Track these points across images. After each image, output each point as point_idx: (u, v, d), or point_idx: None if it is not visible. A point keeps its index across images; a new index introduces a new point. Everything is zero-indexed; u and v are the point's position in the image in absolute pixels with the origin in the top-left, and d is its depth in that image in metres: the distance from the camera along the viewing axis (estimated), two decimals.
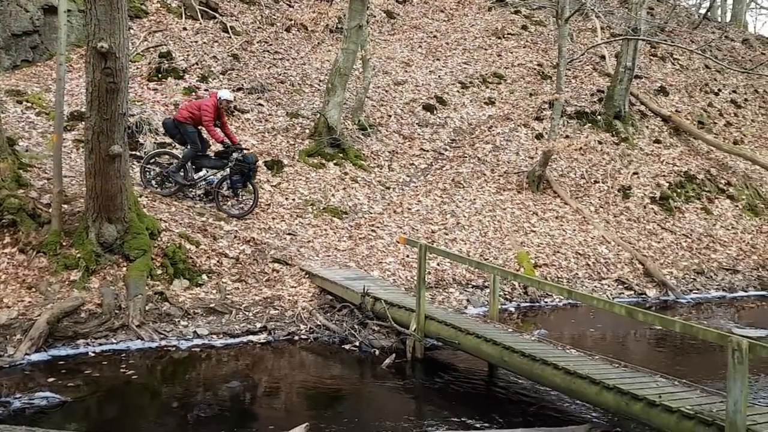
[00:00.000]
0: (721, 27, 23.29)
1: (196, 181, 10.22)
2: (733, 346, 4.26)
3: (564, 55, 13.11)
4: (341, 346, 7.66)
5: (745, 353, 4.22)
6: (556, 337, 8.11)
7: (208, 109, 9.74)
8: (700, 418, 4.55)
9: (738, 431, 4.24)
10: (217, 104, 9.90)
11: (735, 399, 4.27)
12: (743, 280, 12.35)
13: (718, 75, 19.27)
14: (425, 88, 15.12)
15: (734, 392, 4.27)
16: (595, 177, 14.04)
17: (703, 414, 4.56)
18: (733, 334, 4.39)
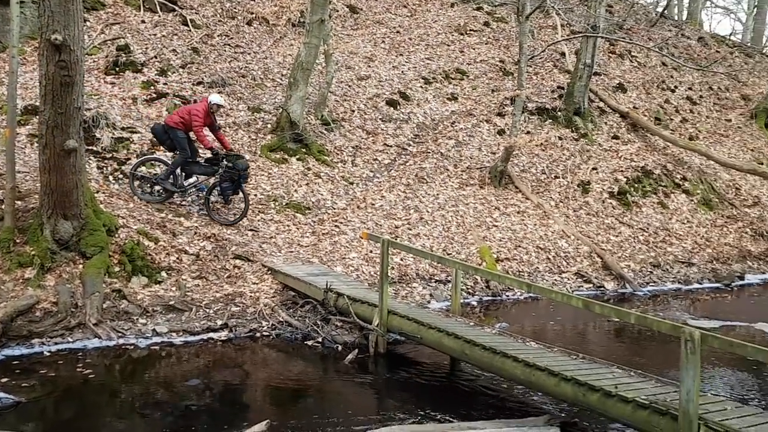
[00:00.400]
0: (677, 25, 23.84)
1: (186, 188, 9.98)
2: (685, 336, 4.37)
3: (525, 51, 13.27)
4: (304, 343, 7.63)
5: (697, 344, 4.34)
6: (517, 330, 8.23)
7: (198, 113, 9.50)
8: (655, 408, 4.66)
9: (690, 420, 4.35)
10: (207, 109, 9.66)
11: (688, 388, 4.38)
12: (698, 273, 12.68)
13: (674, 72, 19.73)
14: (388, 83, 15.13)
15: (687, 382, 4.38)
16: (555, 172, 14.25)
17: (657, 403, 4.68)
18: (687, 326, 4.49)
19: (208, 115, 9.67)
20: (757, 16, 28.48)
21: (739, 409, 4.78)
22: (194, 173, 9.96)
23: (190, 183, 10.00)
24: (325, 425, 5.34)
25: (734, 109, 19.29)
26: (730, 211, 15.02)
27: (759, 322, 9.53)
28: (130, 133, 10.77)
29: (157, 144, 10.25)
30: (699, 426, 4.33)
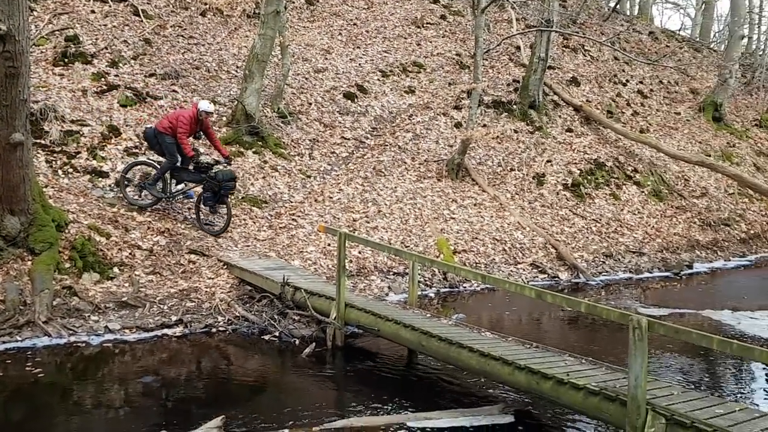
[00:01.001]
0: (629, 20, 24.34)
1: (174, 195, 9.72)
2: (633, 324, 4.49)
3: (481, 45, 13.38)
4: (261, 337, 7.58)
5: (644, 331, 4.46)
6: (474, 320, 8.33)
7: (184, 120, 9.26)
8: (605, 394, 4.78)
9: (639, 405, 4.48)
10: (196, 115, 9.38)
11: (636, 374, 4.51)
12: (648, 262, 13.03)
13: (626, 66, 20.16)
14: (346, 76, 15.08)
15: (635, 368, 4.51)
16: (511, 165, 14.44)
17: (607, 390, 4.80)
18: (635, 313, 4.62)
19: (195, 122, 9.41)
20: (705, 12, 29.28)
21: (686, 394, 4.94)
22: (183, 180, 9.66)
23: (179, 190, 9.72)
24: (283, 419, 5.32)
25: (683, 103, 19.84)
26: (679, 202, 15.47)
27: (706, 309, 9.85)
28: (80, 126, 10.48)
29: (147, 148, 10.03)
30: (647, 411, 4.46)
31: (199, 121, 9.49)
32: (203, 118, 9.51)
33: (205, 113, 9.49)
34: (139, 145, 10.61)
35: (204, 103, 9.59)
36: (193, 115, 9.38)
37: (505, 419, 5.45)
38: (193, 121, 9.37)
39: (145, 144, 10.15)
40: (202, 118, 9.47)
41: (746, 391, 6.63)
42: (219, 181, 9.20)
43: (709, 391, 6.08)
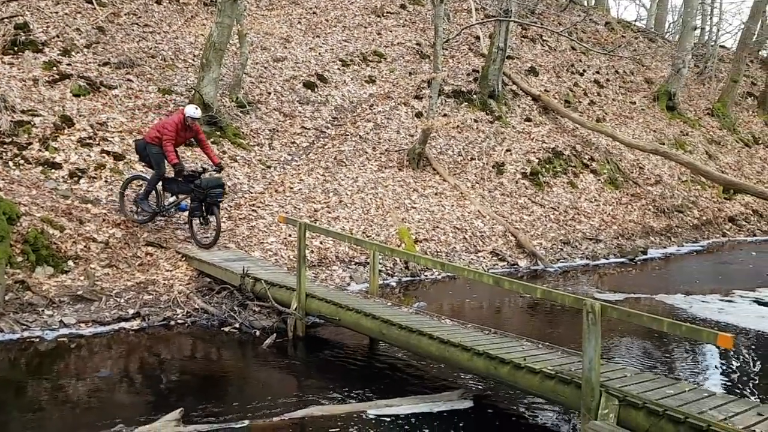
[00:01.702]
0: (585, 10, 24.68)
1: (168, 208, 9.27)
2: (587, 308, 4.59)
3: (440, 34, 13.42)
4: (221, 329, 7.52)
5: (598, 315, 4.57)
6: (435, 308, 8.41)
7: (169, 127, 8.80)
8: (560, 377, 4.89)
9: (593, 387, 4.59)
10: (182, 121, 8.89)
11: (590, 357, 4.61)
12: (605, 249, 13.32)
13: (583, 56, 20.47)
14: (305, 65, 14.97)
15: (589, 351, 4.61)
16: (471, 154, 14.55)
17: (562, 373, 4.91)
18: (588, 298, 4.72)
19: (183, 128, 8.94)
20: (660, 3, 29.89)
21: (638, 376, 5.08)
22: (174, 192, 9.21)
23: (171, 202, 9.27)
24: (243, 410, 5.30)
25: (638, 92, 20.26)
26: (634, 190, 15.82)
27: (660, 293, 10.13)
28: (31, 116, 10.18)
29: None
30: (600, 393, 4.57)
31: (187, 127, 8.99)
32: (191, 124, 8.99)
33: (192, 119, 8.94)
34: (93, 135, 10.38)
35: (190, 108, 9.05)
36: (180, 121, 8.90)
37: (464, 404, 5.53)
38: (180, 127, 8.89)
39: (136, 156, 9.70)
40: (189, 124, 8.96)
41: (699, 372, 6.85)
42: (203, 189, 8.73)
43: (662, 373, 6.26)
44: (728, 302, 9.65)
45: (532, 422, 5.40)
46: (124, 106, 11.39)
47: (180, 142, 9.11)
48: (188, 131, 9.06)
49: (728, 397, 4.78)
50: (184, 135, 9.05)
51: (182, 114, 8.97)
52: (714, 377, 6.65)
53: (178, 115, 9.02)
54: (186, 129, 8.99)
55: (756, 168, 20.04)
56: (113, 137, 10.57)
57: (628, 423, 4.41)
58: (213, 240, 8.91)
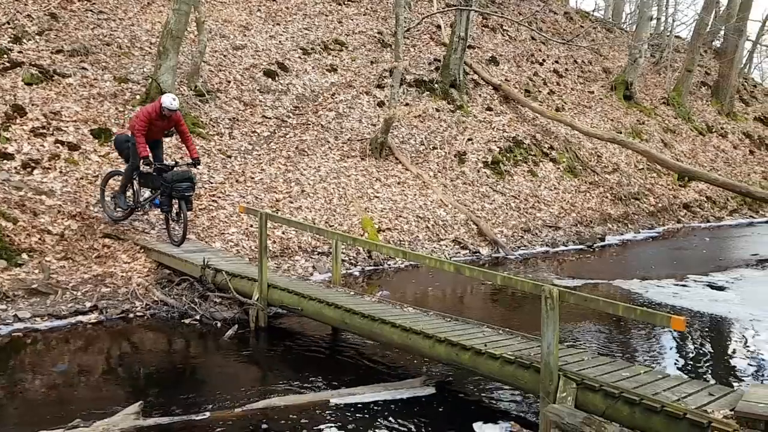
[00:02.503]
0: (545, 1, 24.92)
1: (143, 204, 8.83)
2: (545, 294, 4.66)
3: (401, 23, 13.40)
4: (181, 321, 7.43)
5: (556, 300, 4.65)
6: (399, 297, 8.44)
7: (142, 116, 8.32)
8: (520, 362, 4.96)
9: (551, 371, 4.67)
10: (157, 111, 8.37)
11: (548, 342, 4.69)
12: (564, 236, 13.56)
13: (542, 46, 20.69)
14: (266, 53, 14.79)
15: (547, 336, 4.69)
16: (433, 143, 14.61)
17: (522, 358, 4.98)
18: (546, 284, 4.79)
19: (158, 118, 8.42)
20: None
21: (595, 359, 5.19)
22: (148, 186, 8.78)
23: (146, 198, 8.81)
24: (204, 402, 5.25)
25: (596, 82, 20.60)
26: (593, 178, 16.11)
27: (617, 279, 10.35)
28: None
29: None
30: (559, 376, 4.66)
31: (164, 117, 8.45)
32: (168, 115, 8.44)
33: (169, 110, 8.38)
34: (47, 125, 10.09)
35: (167, 98, 8.45)
36: (153, 111, 8.38)
37: (427, 391, 5.58)
38: (154, 117, 8.37)
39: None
40: (166, 114, 8.41)
41: (655, 355, 7.03)
42: (169, 182, 8.32)
43: (619, 357, 6.41)
44: (683, 287, 9.92)
45: (493, 407, 5.47)
46: (78, 95, 11.09)
47: (155, 132, 8.59)
48: (165, 121, 8.55)
49: (681, 378, 4.93)
50: (159, 125, 8.54)
51: (159, 103, 8.49)
52: (669, 360, 6.83)
53: (154, 104, 8.55)
54: (162, 119, 8.48)
55: (709, 156, 20.61)
56: (68, 127, 10.29)
57: (585, 405, 4.50)
58: (181, 237, 8.49)
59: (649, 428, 4.18)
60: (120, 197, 8.84)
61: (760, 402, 3.96)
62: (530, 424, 4.95)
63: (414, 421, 5.03)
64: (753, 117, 24.92)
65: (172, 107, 8.40)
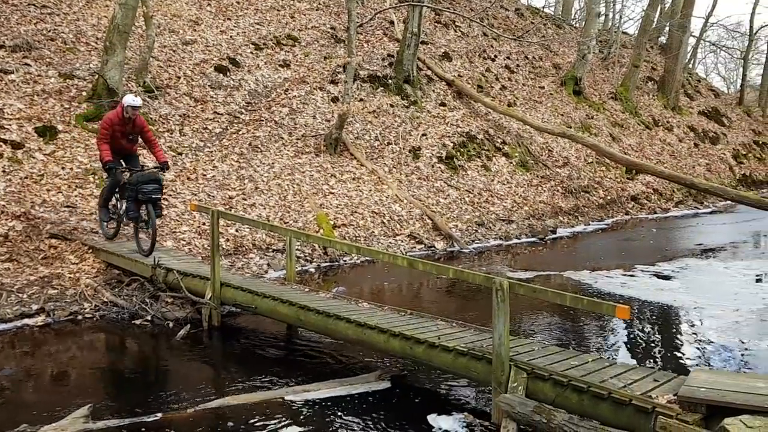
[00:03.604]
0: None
1: (121, 216, 8.26)
2: (496, 286, 4.74)
3: (354, 18, 13.38)
4: (131, 322, 7.28)
5: (506, 292, 4.73)
6: (355, 292, 8.45)
7: (105, 121, 7.83)
8: (473, 354, 5.03)
9: (503, 361, 4.76)
10: (119, 115, 7.83)
11: (500, 333, 4.77)
12: (517, 229, 13.77)
13: (494, 42, 20.95)
14: (216, 48, 14.58)
15: (499, 327, 4.77)
16: (388, 139, 14.66)
17: (474, 350, 5.05)
18: (498, 276, 4.86)
19: (121, 121, 7.87)
20: None
21: (545, 349, 5.30)
22: (124, 197, 8.14)
23: (124, 210, 8.16)
24: (156, 403, 5.17)
25: (547, 77, 20.96)
26: (544, 172, 16.41)
27: (568, 270, 10.58)
28: None
29: None
30: (510, 367, 4.74)
31: (127, 119, 7.89)
32: (132, 116, 7.89)
33: (132, 108, 7.84)
34: None
35: (129, 97, 7.94)
36: (116, 115, 7.86)
37: (382, 385, 5.61)
38: (117, 121, 7.83)
39: None
40: (129, 115, 7.86)
41: (604, 344, 7.22)
42: (134, 184, 7.75)
43: (571, 346, 6.55)
44: (630, 277, 10.20)
45: (447, 399, 5.54)
46: (21, 91, 10.75)
47: (120, 139, 8.02)
48: (129, 125, 7.98)
49: (627, 365, 5.07)
50: (123, 129, 7.96)
51: (120, 107, 7.95)
52: (618, 348, 7.03)
53: (116, 110, 8.00)
54: (125, 122, 7.91)
55: (656, 149, 21.22)
56: (11, 125, 9.97)
57: (536, 394, 4.60)
58: (150, 246, 7.86)
59: (596, 415, 4.29)
60: (102, 211, 8.50)
61: (701, 387, 4.10)
62: (483, 414, 5.03)
63: (369, 415, 5.05)
64: (697, 111, 25.78)
65: (136, 104, 7.90)
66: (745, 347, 6.88)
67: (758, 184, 23.84)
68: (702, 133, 24.20)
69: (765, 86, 32.93)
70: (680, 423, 3.88)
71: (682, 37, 24.13)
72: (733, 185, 21.23)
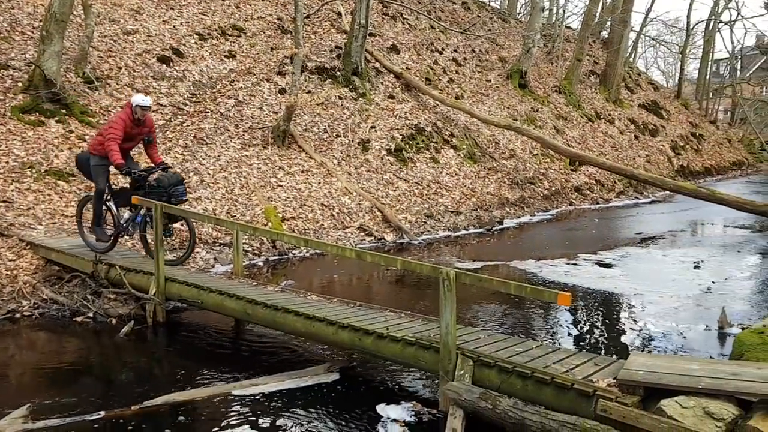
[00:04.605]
0: None
1: (125, 227, 7.65)
2: (442, 276, 4.80)
3: (300, 9, 13.27)
4: (73, 320, 7.08)
5: (453, 282, 4.79)
6: (305, 285, 8.41)
7: (115, 124, 7.19)
8: (420, 343, 5.09)
9: (450, 350, 4.82)
10: (130, 116, 7.25)
11: (447, 323, 4.83)
12: (465, 220, 13.95)
13: (441, 35, 21.09)
14: (159, 38, 14.22)
15: (446, 317, 4.83)
16: (336, 131, 14.60)
17: (422, 339, 5.11)
18: (444, 266, 4.92)
19: (133, 124, 7.30)
20: None
21: (491, 337, 5.40)
22: (126, 204, 7.61)
23: (127, 219, 7.66)
24: (99, 401, 5.04)
25: (493, 71, 21.24)
26: (491, 164, 16.65)
27: (514, 260, 10.78)
28: None
29: None
30: (457, 355, 4.82)
31: (138, 121, 7.34)
32: (142, 117, 7.33)
33: (142, 109, 7.27)
34: None
35: (138, 97, 7.33)
36: (128, 116, 7.27)
37: (331, 377, 5.62)
38: (128, 124, 7.25)
39: None
40: (140, 116, 7.31)
41: (548, 331, 7.39)
42: (165, 186, 7.20)
43: (517, 334, 6.69)
44: (574, 265, 10.46)
45: (396, 389, 5.58)
46: None
47: (130, 141, 7.48)
48: (140, 126, 7.42)
49: (570, 351, 5.21)
50: (135, 131, 7.41)
51: (129, 107, 7.34)
52: (563, 334, 7.21)
53: (124, 110, 7.38)
54: (137, 124, 7.36)
55: (598, 141, 21.78)
56: None
57: (482, 381, 4.68)
58: (187, 253, 7.46)
59: (540, 399, 4.40)
60: (98, 229, 7.72)
61: (640, 370, 4.25)
62: (431, 402, 5.09)
63: (318, 407, 5.05)
64: (638, 104, 26.57)
65: (146, 104, 7.30)
66: (682, 331, 7.16)
67: (695, 175, 24.77)
68: (642, 125, 24.96)
69: (701, 80, 34.21)
70: (619, 405, 4.01)
71: (623, 32, 24.78)
72: (672, 176, 22.00)
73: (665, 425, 3.77)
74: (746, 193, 17.93)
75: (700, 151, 27.33)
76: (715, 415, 3.76)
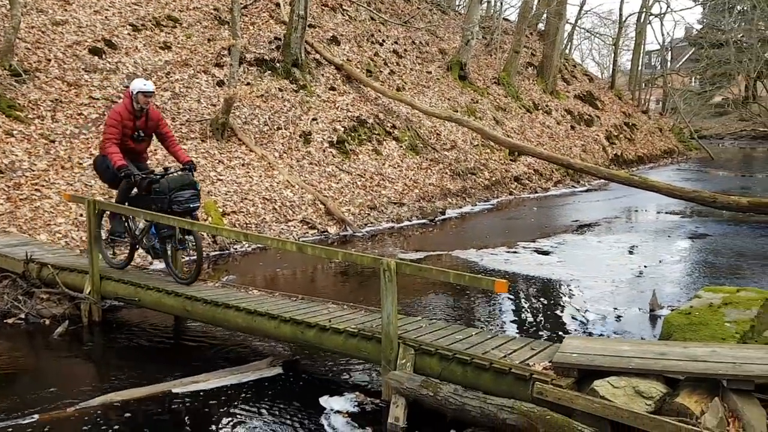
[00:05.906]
0: None
1: (140, 237, 6.92)
2: (383, 267, 4.83)
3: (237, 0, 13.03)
4: (3, 321, 6.80)
5: (393, 272, 4.83)
6: (247, 280, 8.33)
7: (112, 119, 6.32)
8: (363, 335, 5.12)
9: (391, 340, 4.87)
10: (128, 107, 6.36)
11: (388, 313, 4.88)
12: (408, 212, 14.05)
13: (382, 27, 21.09)
14: (90, 29, 13.73)
15: (387, 307, 4.88)
16: (277, 124, 14.45)
17: (365, 331, 5.14)
18: (385, 257, 4.95)
19: (131, 116, 6.40)
20: None
21: (432, 326, 5.47)
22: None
23: (141, 228, 6.94)
24: (32, 404, 4.87)
25: (433, 62, 21.39)
26: (433, 155, 16.81)
27: (456, 249, 10.94)
28: None
29: None
30: (398, 344, 4.87)
31: (138, 110, 6.42)
32: (144, 104, 6.39)
33: (143, 95, 6.33)
34: None
35: (138, 82, 6.40)
36: (125, 107, 6.37)
37: (274, 372, 5.59)
38: (125, 116, 6.35)
39: None
40: (140, 105, 6.38)
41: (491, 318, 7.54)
42: (166, 192, 6.38)
43: (458, 322, 6.80)
44: (513, 253, 10.69)
45: (340, 380, 5.61)
46: None
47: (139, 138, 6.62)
48: (142, 119, 6.50)
49: (507, 337, 5.33)
50: (136, 125, 6.50)
51: (128, 96, 6.40)
52: (501, 321, 7.38)
53: (124, 99, 6.51)
54: (137, 116, 6.45)
55: (536, 131, 22.27)
56: None
57: (423, 369, 4.75)
58: (194, 274, 6.56)
59: (480, 385, 4.49)
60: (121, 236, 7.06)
61: (574, 353, 4.40)
62: (374, 392, 5.14)
63: (260, 402, 5.03)
64: (573, 95, 27.26)
65: (147, 89, 6.40)
66: (617, 314, 7.42)
67: (628, 163, 25.63)
68: (578, 115, 25.64)
69: (634, 71, 35.36)
70: (555, 387, 4.15)
71: (559, 24, 25.35)
72: (606, 165, 22.70)
73: (598, 405, 3.91)
74: (676, 180, 18.71)
75: (633, 140, 28.28)
76: (645, 393, 3.93)
